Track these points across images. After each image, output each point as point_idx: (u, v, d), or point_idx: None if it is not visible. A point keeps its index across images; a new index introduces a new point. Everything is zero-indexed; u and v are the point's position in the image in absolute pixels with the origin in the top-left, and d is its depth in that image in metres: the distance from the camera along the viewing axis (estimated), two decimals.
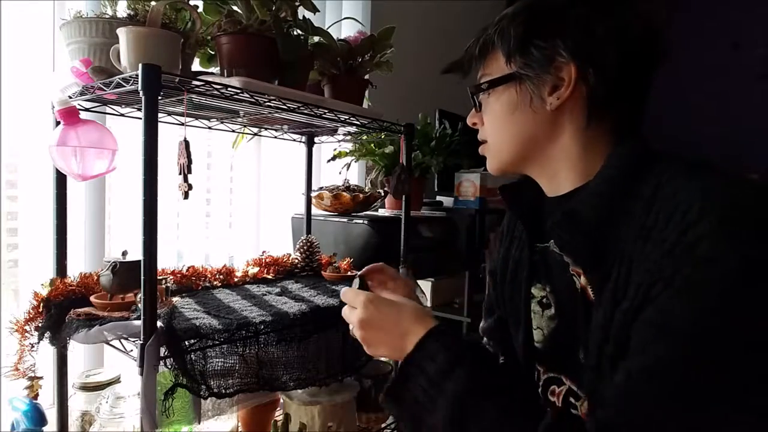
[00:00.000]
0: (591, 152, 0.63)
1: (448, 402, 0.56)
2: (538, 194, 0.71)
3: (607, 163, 0.61)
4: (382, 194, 1.63)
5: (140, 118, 0.74)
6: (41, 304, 0.90)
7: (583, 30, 0.59)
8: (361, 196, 1.50)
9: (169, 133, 0.94)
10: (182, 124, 0.89)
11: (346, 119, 1.12)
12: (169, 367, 0.78)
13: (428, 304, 1.88)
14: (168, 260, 1.32)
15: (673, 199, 0.52)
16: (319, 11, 1.08)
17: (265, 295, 1.08)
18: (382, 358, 1.41)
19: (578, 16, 0.59)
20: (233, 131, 1.30)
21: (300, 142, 1.45)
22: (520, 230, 0.78)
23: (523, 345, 0.75)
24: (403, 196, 1.26)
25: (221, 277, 1.17)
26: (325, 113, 1.05)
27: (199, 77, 0.86)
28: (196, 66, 1.02)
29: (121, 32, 0.80)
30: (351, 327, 0.68)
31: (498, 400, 0.55)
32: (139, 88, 0.73)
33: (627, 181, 0.58)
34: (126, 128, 1.13)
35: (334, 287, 1.18)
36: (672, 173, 0.55)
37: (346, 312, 0.69)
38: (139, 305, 0.80)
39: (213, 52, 1.03)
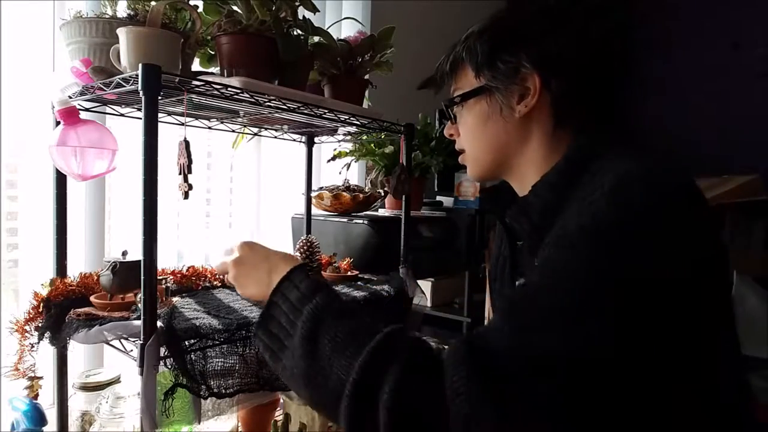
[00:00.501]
0: (555, 153, 0.67)
1: (305, 319, 0.59)
2: (513, 196, 0.76)
3: (560, 161, 0.66)
4: (382, 194, 1.63)
5: (140, 118, 0.74)
6: (41, 304, 0.90)
7: (543, 42, 0.64)
8: (361, 196, 1.50)
9: (169, 133, 0.94)
10: (182, 124, 0.89)
11: (346, 119, 1.12)
12: (169, 367, 0.78)
13: (428, 304, 1.88)
14: (168, 260, 1.32)
15: (599, 180, 0.56)
16: (319, 11, 1.08)
17: None
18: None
19: (539, 30, 0.65)
20: (233, 131, 1.30)
21: (300, 142, 1.45)
22: (502, 230, 0.83)
23: None
24: (403, 196, 1.26)
25: (221, 277, 1.17)
26: (325, 113, 1.05)
27: (199, 77, 0.86)
28: (196, 66, 1.02)
29: (121, 32, 0.80)
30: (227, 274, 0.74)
31: (350, 321, 0.58)
32: (139, 88, 0.73)
33: (573, 171, 0.62)
34: (126, 128, 1.13)
35: (334, 287, 1.18)
36: (610, 158, 0.60)
37: (226, 260, 0.74)
38: (139, 305, 0.80)
39: (213, 52, 1.03)
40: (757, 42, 2.73)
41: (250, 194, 1.63)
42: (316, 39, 1.09)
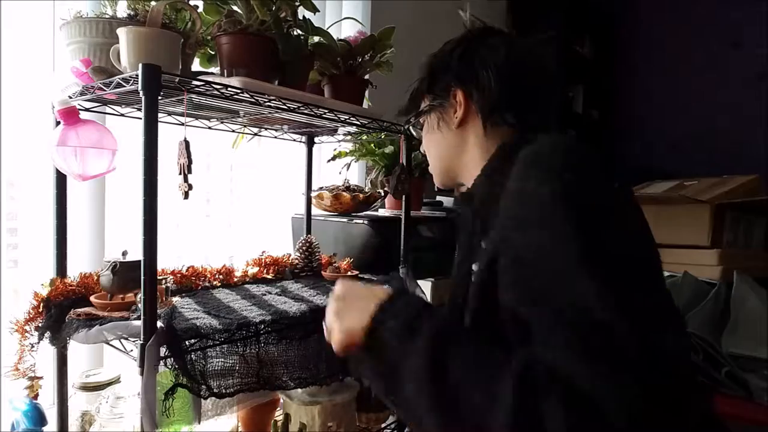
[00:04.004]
0: (490, 152, 0.76)
1: (427, 341, 0.56)
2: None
3: (493, 156, 0.75)
4: (382, 194, 1.63)
5: (140, 118, 0.74)
6: (41, 304, 0.90)
7: (462, 63, 0.78)
8: (361, 196, 1.50)
9: (169, 133, 0.94)
10: (182, 124, 0.89)
11: (346, 119, 1.12)
12: (169, 367, 0.78)
13: None
14: (168, 260, 1.31)
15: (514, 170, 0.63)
16: (319, 11, 1.08)
17: (265, 294, 1.08)
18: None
19: (458, 55, 0.79)
20: (233, 131, 1.30)
21: (300, 142, 1.45)
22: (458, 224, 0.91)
23: None
24: (403, 196, 1.26)
25: (221, 277, 1.17)
26: (325, 113, 1.05)
27: (199, 77, 0.86)
28: (196, 66, 1.02)
29: (121, 32, 0.80)
30: (327, 323, 0.68)
31: (471, 342, 0.57)
32: (139, 88, 0.73)
33: (502, 163, 0.70)
34: (126, 128, 1.13)
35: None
36: (529, 144, 0.65)
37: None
38: (139, 305, 0.80)
39: (213, 52, 1.03)
40: (757, 42, 2.73)
41: (250, 194, 1.63)
42: (316, 39, 1.09)
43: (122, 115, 1.03)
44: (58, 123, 0.91)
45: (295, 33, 1.02)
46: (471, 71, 0.77)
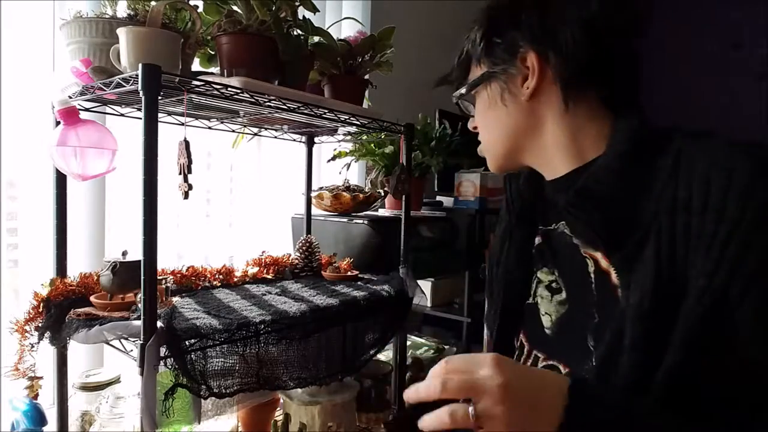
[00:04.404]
0: (581, 134, 0.63)
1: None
2: (538, 180, 0.72)
3: (614, 139, 0.60)
4: (382, 194, 1.63)
5: (140, 118, 0.74)
6: (41, 304, 0.90)
7: (535, 17, 0.62)
8: (361, 196, 1.50)
9: (169, 133, 0.94)
10: (182, 124, 0.89)
11: (346, 119, 1.12)
12: (169, 367, 0.78)
13: (428, 304, 1.88)
14: (168, 260, 1.32)
15: (706, 171, 0.51)
16: (319, 11, 1.08)
17: (265, 294, 1.08)
18: (382, 358, 1.41)
19: (529, 6, 0.62)
20: (233, 131, 1.30)
21: (300, 142, 1.45)
22: (518, 213, 0.77)
23: (524, 331, 0.73)
24: (403, 196, 1.26)
25: (221, 277, 1.17)
26: (325, 113, 1.05)
27: (199, 77, 0.86)
28: (196, 66, 1.02)
29: (121, 32, 0.80)
30: (471, 409, 0.47)
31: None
32: (139, 88, 0.73)
33: (640, 154, 0.57)
34: (126, 128, 1.13)
35: (334, 287, 1.18)
36: (690, 142, 0.55)
37: (457, 384, 0.48)
38: (139, 305, 0.80)
39: (213, 52, 1.03)
40: (757, 42, 2.73)
41: (250, 194, 1.63)
42: (316, 39, 1.09)
43: (122, 115, 1.03)
44: (58, 123, 0.91)
45: (295, 33, 1.02)
46: (548, 28, 0.60)
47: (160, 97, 0.75)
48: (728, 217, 0.48)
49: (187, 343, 0.80)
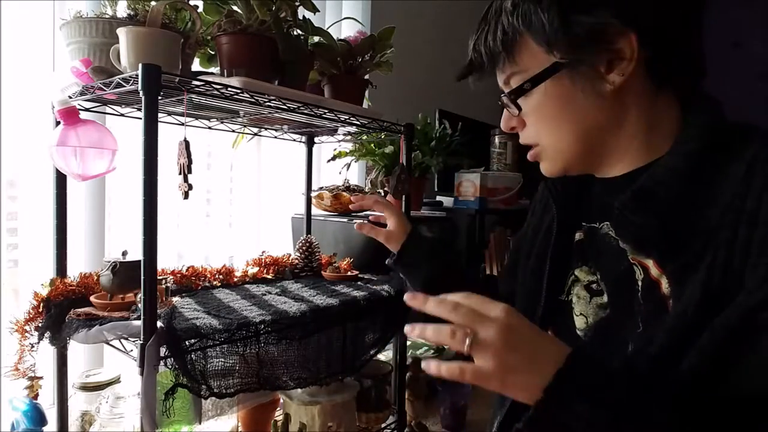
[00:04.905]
0: (658, 127, 0.56)
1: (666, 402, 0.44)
2: (582, 176, 0.66)
3: (683, 136, 0.54)
4: (382, 194, 1.63)
5: (140, 118, 0.74)
6: (41, 304, 0.90)
7: None
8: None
9: (169, 133, 0.94)
10: (182, 124, 0.89)
11: (346, 119, 1.12)
12: (169, 367, 0.78)
13: None
14: (168, 260, 1.32)
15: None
16: (319, 11, 1.08)
17: (265, 294, 1.08)
18: (382, 358, 1.41)
19: None
20: (233, 131, 1.30)
21: (300, 142, 1.45)
22: (560, 205, 0.70)
23: (540, 325, 0.67)
24: (403, 196, 1.26)
25: (221, 277, 1.17)
26: (325, 113, 1.05)
27: (199, 77, 0.86)
28: (196, 66, 1.02)
29: (121, 32, 0.80)
30: (468, 342, 0.47)
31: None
32: (139, 88, 0.73)
33: (710, 156, 0.51)
34: (126, 128, 1.13)
35: (334, 287, 1.18)
36: (755, 139, 0.50)
37: (467, 310, 0.48)
38: (139, 305, 0.80)
39: (213, 52, 1.03)
40: (757, 42, 2.73)
41: (250, 194, 1.63)
42: (316, 39, 1.09)
43: (122, 115, 1.03)
44: (58, 123, 0.91)
45: (295, 33, 1.02)
46: (646, 3, 0.52)
47: (160, 97, 0.75)
48: None
49: (187, 343, 0.80)
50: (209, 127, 1.21)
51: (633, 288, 0.58)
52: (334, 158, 1.68)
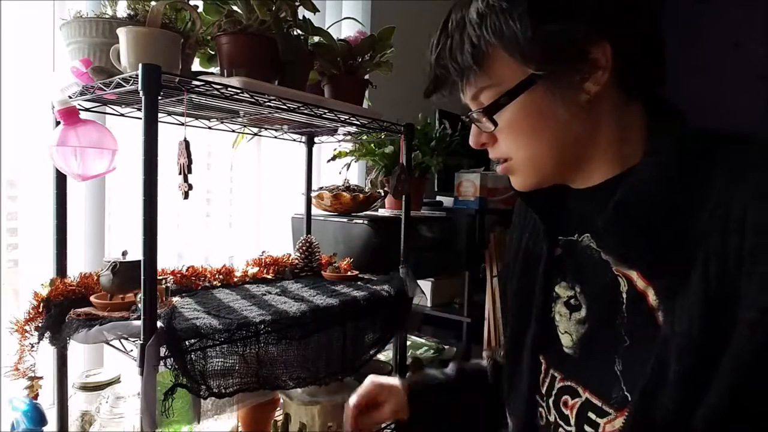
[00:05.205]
0: (630, 135, 0.55)
1: None
2: (555, 187, 0.65)
3: (654, 144, 0.53)
4: (382, 194, 1.63)
5: (140, 118, 0.74)
6: (41, 304, 0.90)
7: None
8: (361, 196, 1.50)
9: (169, 133, 0.94)
10: (182, 124, 0.89)
11: (346, 119, 1.12)
12: (169, 367, 0.78)
13: (428, 304, 1.88)
14: (168, 260, 1.32)
15: (763, 187, 0.45)
16: (319, 11, 1.08)
17: (265, 294, 1.08)
18: (382, 358, 1.41)
19: None
20: (233, 131, 1.30)
21: (300, 142, 1.45)
22: (534, 220, 0.70)
23: (532, 348, 0.68)
24: (403, 196, 1.26)
25: (221, 277, 1.17)
26: (325, 113, 1.05)
27: (199, 77, 0.86)
28: (196, 66, 1.02)
29: (121, 32, 0.80)
30: None
31: None
32: (139, 88, 0.73)
33: (686, 163, 0.50)
34: (126, 128, 1.13)
35: (334, 287, 1.18)
36: (743, 150, 0.49)
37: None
38: (139, 305, 0.80)
39: (213, 52, 1.03)
40: (757, 42, 2.73)
41: (250, 194, 1.63)
42: (316, 39, 1.09)
43: (122, 115, 1.03)
44: (58, 123, 0.91)
45: (295, 33, 1.02)
46: (618, 7, 0.51)
47: (160, 97, 0.75)
48: None
49: (187, 343, 0.80)
50: (209, 127, 1.21)
51: (617, 301, 0.57)
52: (334, 158, 1.68)
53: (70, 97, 0.91)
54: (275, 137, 1.38)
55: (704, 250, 0.47)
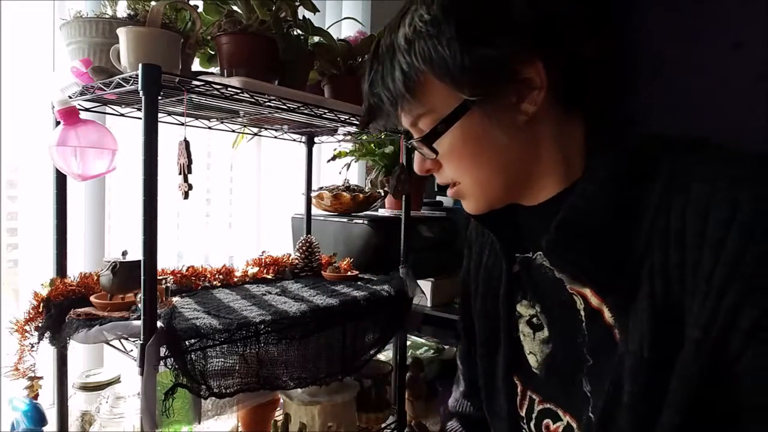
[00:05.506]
0: (571, 149, 0.54)
1: None
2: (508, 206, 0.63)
3: (596, 161, 0.52)
4: (382, 194, 1.63)
5: (140, 118, 0.74)
6: (41, 304, 0.90)
7: (531, 10, 0.48)
8: (361, 196, 1.50)
9: (169, 133, 0.94)
10: (182, 124, 0.89)
11: (346, 119, 1.12)
12: (169, 367, 0.78)
13: (428, 304, 1.88)
14: (168, 260, 1.32)
15: (703, 201, 0.44)
16: (319, 11, 1.08)
17: (265, 294, 1.08)
18: (382, 358, 1.41)
19: (524, 2, 0.48)
20: (233, 131, 1.30)
21: (300, 142, 1.45)
22: (491, 237, 0.68)
23: (504, 370, 0.66)
24: (403, 196, 1.26)
25: (221, 277, 1.17)
26: (325, 113, 1.05)
27: (199, 77, 0.86)
28: (196, 66, 1.02)
29: (121, 32, 0.80)
30: None
31: None
32: (139, 88, 0.73)
33: (627, 179, 0.49)
34: (126, 128, 1.13)
35: (334, 287, 1.18)
36: (681, 160, 0.48)
37: None
38: (139, 305, 0.80)
39: (213, 52, 1.03)
40: (757, 42, 2.73)
41: (250, 194, 1.63)
42: (316, 39, 1.09)
43: (122, 115, 1.03)
44: (58, 123, 0.91)
45: (295, 33, 1.02)
46: (550, 24, 0.49)
47: (160, 97, 0.75)
48: (727, 259, 0.42)
49: (187, 343, 0.80)
50: (209, 127, 1.21)
51: (576, 318, 0.56)
52: (334, 158, 1.68)
53: (70, 97, 0.91)
54: (275, 137, 1.38)
55: (649, 266, 0.46)
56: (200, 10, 0.94)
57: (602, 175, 0.50)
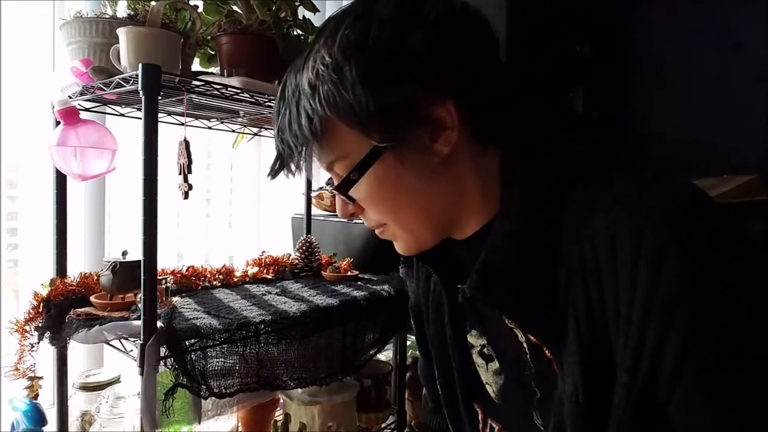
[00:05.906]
0: (489, 182, 0.52)
1: None
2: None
3: (505, 195, 0.51)
4: None
5: (140, 118, 0.74)
6: (41, 304, 0.90)
7: (432, 50, 0.46)
8: None
9: (169, 133, 0.94)
10: (182, 124, 0.89)
11: None
12: (169, 367, 0.78)
13: None
14: (168, 260, 1.32)
15: (610, 235, 0.42)
16: (319, 11, 1.08)
17: (265, 294, 1.08)
18: (382, 358, 1.41)
19: (414, 33, 0.46)
20: (233, 131, 1.30)
21: None
22: (435, 270, 0.65)
23: (463, 398, 0.65)
24: None
25: (221, 277, 1.17)
26: None
27: (199, 77, 0.86)
28: (196, 66, 1.02)
29: (121, 32, 0.80)
30: None
31: None
32: (139, 88, 0.73)
33: (539, 211, 0.47)
34: (126, 128, 1.13)
35: (334, 287, 1.18)
36: (593, 191, 0.46)
37: None
38: (139, 305, 0.80)
39: (213, 52, 1.03)
40: (757, 42, 2.73)
41: (250, 194, 1.63)
42: None
43: (122, 115, 1.03)
44: (58, 123, 0.91)
45: (295, 33, 1.02)
46: (456, 63, 0.47)
47: (160, 97, 0.75)
48: (641, 300, 0.40)
49: (187, 343, 0.80)
50: (209, 127, 1.21)
51: (520, 351, 0.54)
52: None
53: (70, 97, 0.91)
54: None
55: (572, 301, 0.45)
56: (200, 10, 0.94)
57: (516, 209, 0.49)
